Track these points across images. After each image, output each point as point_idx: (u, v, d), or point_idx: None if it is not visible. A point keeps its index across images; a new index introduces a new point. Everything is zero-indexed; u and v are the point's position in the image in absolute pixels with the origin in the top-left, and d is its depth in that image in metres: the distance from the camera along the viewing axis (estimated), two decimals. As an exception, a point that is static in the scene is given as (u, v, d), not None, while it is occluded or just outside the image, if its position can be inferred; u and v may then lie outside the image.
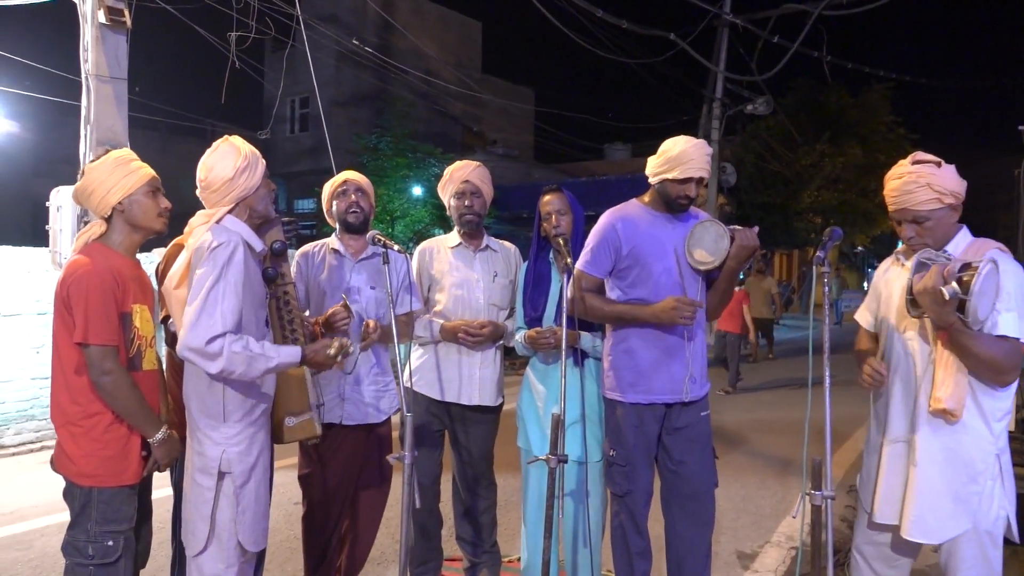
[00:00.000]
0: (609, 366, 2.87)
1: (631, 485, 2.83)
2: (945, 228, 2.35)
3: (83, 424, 2.27)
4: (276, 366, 2.23)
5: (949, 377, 2.24)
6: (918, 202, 2.31)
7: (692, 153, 2.71)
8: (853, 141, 19.88)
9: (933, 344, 2.30)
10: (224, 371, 2.14)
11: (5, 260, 6.13)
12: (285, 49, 9.33)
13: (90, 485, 2.27)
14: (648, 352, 2.79)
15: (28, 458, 5.97)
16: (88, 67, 6.07)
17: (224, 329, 2.12)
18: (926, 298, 2.16)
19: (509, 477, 3.97)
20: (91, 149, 6.11)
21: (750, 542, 4.34)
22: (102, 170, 2.36)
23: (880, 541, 2.49)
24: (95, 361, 2.23)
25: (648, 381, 2.79)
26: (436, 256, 3.28)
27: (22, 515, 4.58)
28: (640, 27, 12.14)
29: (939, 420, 2.28)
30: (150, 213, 2.40)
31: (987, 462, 2.28)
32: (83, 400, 2.27)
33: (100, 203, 2.36)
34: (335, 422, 2.97)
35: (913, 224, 2.34)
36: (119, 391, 2.25)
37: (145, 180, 2.39)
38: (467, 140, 24.72)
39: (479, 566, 3.36)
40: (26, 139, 16.05)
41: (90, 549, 2.26)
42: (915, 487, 2.30)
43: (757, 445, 6.85)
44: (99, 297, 2.23)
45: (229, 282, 2.17)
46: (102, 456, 2.27)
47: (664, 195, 2.80)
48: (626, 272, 2.82)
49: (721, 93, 15.23)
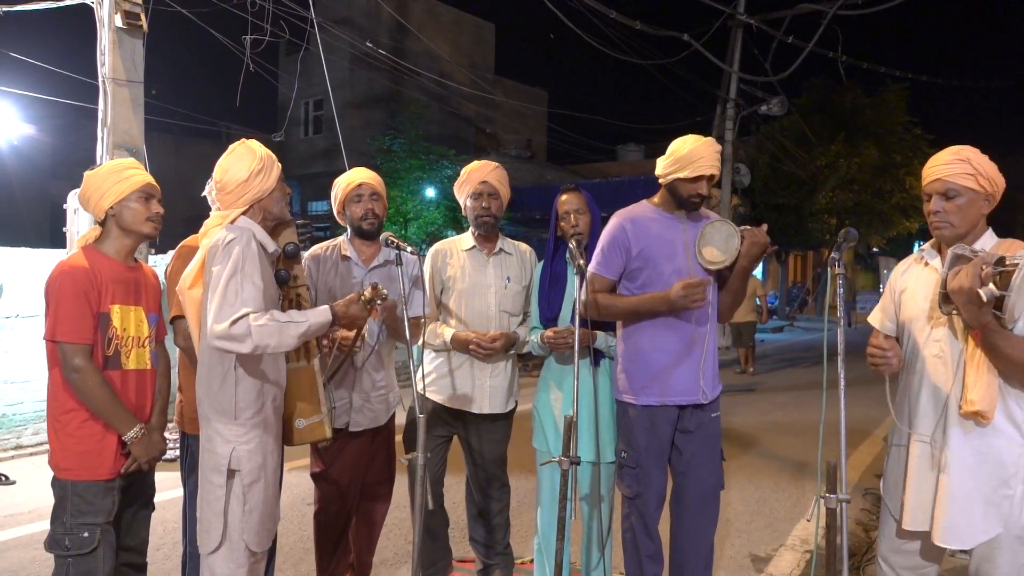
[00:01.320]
0: (621, 368, 2.87)
1: (641, 488, 2.82)
2: (972, 216, 2.28)
3: (61, 419, 2.39)
4: (308, 328, 2.25)
5: (980, 378, 2.18)
6: (953, 173, 2.26)
7: (702, 151, 2.70)
8: (869, 141, 19.68)
9: (963, 344, 2.24)
10: (258, 347, 2.14)
11: (23, 262, 6.20)
12: (299, 52, 9.40)
13: (66, 478, 2.36)
14: (660, 354, 2.78)
15: (46, 458, 6.02)
16: (105, 70, 6.14)
17: (246, 310, 2.14)
18: (961, 297, 2.10)
19: (522, 479, 3.96)
20: (108, 151, 6.17)
21: (764, 545, 4.31)
22: (98, 177, 2.47)
23: (908, 549, 2.43)
24: (65, 357, 2.33)
25: (660, 383, 2.78)
26: (449, 259, 3.25)
27: (40, 514, 4.63)
28: (653, 28, 12.13)
29: (969, 423, 2.23)
30: (139, 218, 2.48)
31: (1018, 465, 2.22)
32: (60, 396, 2.39)
33: (95, 208, 2.47)
34: (341, 427, 2.99)
35: (942, 198, 2.28)
36: (87, 388, 2.33)
37: (137, 186, 2.47)
38: (480, 142, 24.76)
39: (492, 567, 3.36)
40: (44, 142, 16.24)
41: (66, 541, 2.34)
42: (946, 492, 2.25)
43: (771, 447, 6.80)
44: (71, 297, 2.33)
45: (246, 273, 2.20)
46: (77, 451, 2.37)
47: (676, 195, 2.79)
48: (636, 273, 2.81)
49: (735, 94, 15.17)
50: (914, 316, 2.40)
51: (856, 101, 20.30)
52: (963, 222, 2.28)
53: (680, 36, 12.89)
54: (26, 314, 6.16)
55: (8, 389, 6.07)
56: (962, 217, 2.27)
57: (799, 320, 24.53)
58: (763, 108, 15.44)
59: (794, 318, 24.78)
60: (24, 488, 5.21)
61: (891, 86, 20.00)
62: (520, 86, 27.83)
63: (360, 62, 18.82)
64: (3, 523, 4.48)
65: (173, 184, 2.56)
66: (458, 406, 3.19)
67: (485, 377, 3.18)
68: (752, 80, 15.19)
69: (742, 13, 14.51)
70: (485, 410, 3.19)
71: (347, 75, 20.46)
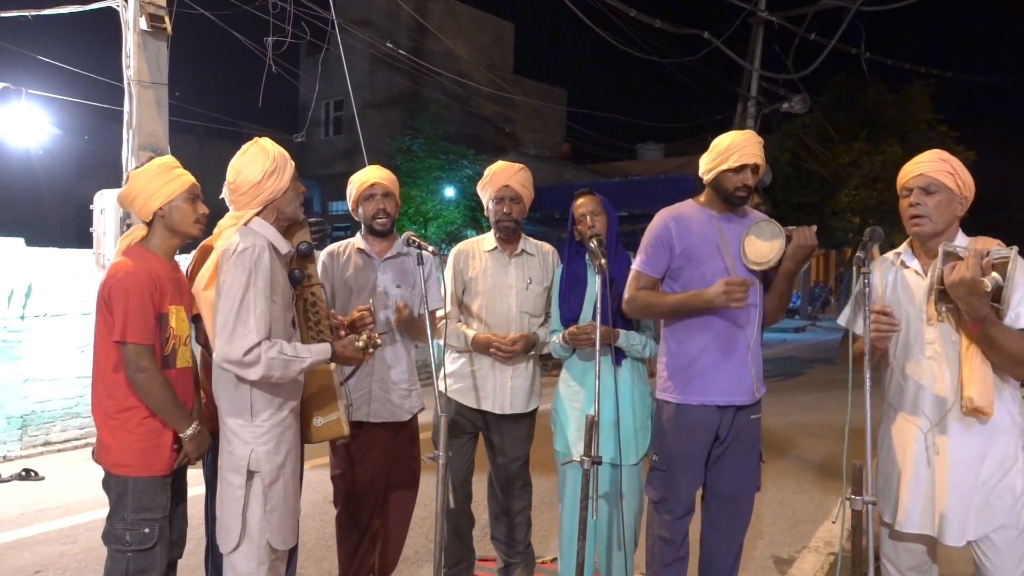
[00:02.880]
0: (662, 366, 2.84)
1: (667, 492, 2.78)
2: (948, 216, 2.35)
3: (119, 417, 2.38)
4: (310, 364, 2.32)
5: (975, 374, 2.22)
6: (935, 170, 2.35)
7: (744, 141, 2.71)
8: (893, 139, 19.43)
9: (959, 342, 2.27)
10: (263, 377, 2.22)
11: (51, 262, 6.31)
12: (320, 53, 9.43)
13: (125, 475, 2.37)
14: (701, 353, 2.74)
15: (74, 454, 6.13)
16: (130, 73, 6.22)
17: (259, 338, 2.20)
18: (962, 289, 2.14)
19: (543, 478, 3.97)
20: (133, 153, 6.26)
21: (787, 547, 4.27)
22: (145, 177, 2.45)
23: (908, 549, 2.44)
24: (131, 359, 2.32)
25: (700, 382, 2.74)
26: (471, 260, 3.27)
27: (68, 510, 4.71)
28: (673, 26, 12.05)
29: (970, 419, 2.25)
30: (188, 219, 2.49)
31: (1017, 457, 2.27)
32: (119, 395, 2.38)
33: (142, 208, 2.45)
34: (362, 419, 3.02)
35: (923, 192, 2.35)
36: (152, 388, 2.34)
37: (185, 187, 2.48)
38: (499, 141, 24.78)
39: (513, 566, 3.36)
40: (71, 144, 16.48)
41: (127, 536, 2.35)
42: (947, 488, 2.27)
43: (793, 448, 6.74)
44: (137, 298, 2.33)
45: (259, 288, 2.22)
46: (136, 448, 2.37)
47: (722, 190, 2.75)
48: (678, 272, 2.77)
49: (756, 91, 15.04)
50: (908, 320, 2.40)
51: (880, 98, 20.06)
52: (940, 219, 2.34)
53: (700, 34, 12.79)
54: (54, 313, 6.27)
55: (36, 387, 6.18)
56: (940, 214, 2.34)
57: (821, 320, 24.30)
58: (784, 106, 15.28)
59: (816, 318, 24.55)
60: (52, 484, 5.30)
61: (915, 82, 19.74)
62: (539, 85, 27.79)
63: (380, 63, 18.90)
64: (32, 518, 4.56)
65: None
66: (479, 406, 3.20)
67: (507, 378, 3.18)
68: (773, 78, 15.06)
69: (763, 10, 14.38)
70: (507, 410, 3.19)
71: (367, 76, 20.56)
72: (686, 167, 19.41)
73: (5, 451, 5.90)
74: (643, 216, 10.45)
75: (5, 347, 5.94)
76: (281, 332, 2.32)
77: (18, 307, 6.01)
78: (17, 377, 6.01)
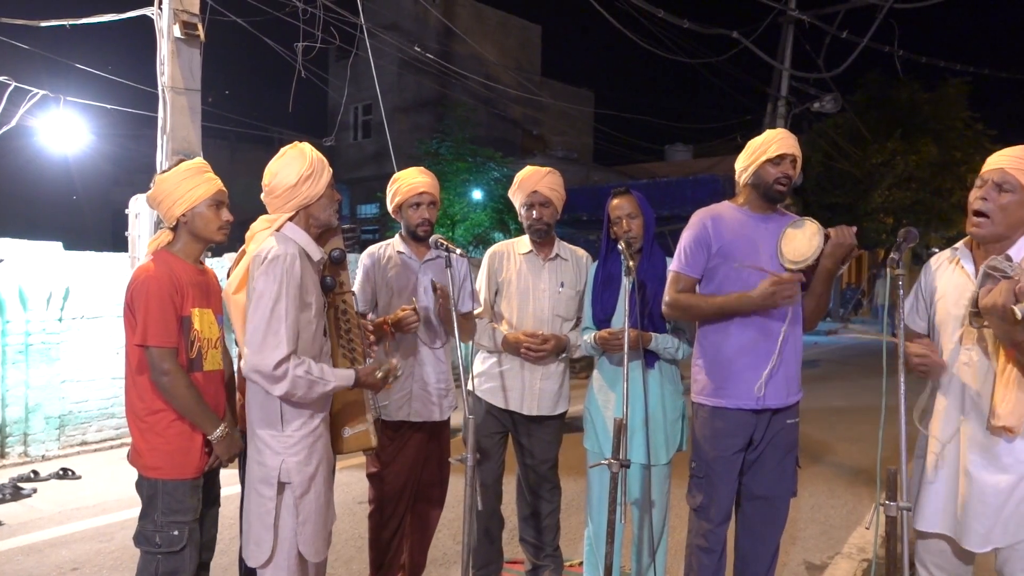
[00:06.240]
0: (697, 368, 2.81)
1: (706, 499, 2.75)
2: (1014, 221, 2.23)
3: (148, 420, 2.40)
4: (332, 389, 2.29)
5: (1011, 394, 2.15)
6: (1015, 166, 2.22)
7: (778, 134, 2.72)
8: (927, 138, 19.06)
9: (994, 358, 2.19)
10: (287, 394, 2.19)
11: (88, 265, 6.44)
12: (349, 57, 9.52)
13: (156, 477, 2.39)
14: (737, 355, 2.70)
15: (110, 454, 6.25)
16: (164, 80, 6.33)
17: (288, 350, 2.16)
18: (994, 315, 2.06)
19: (571, 481, 3.95)
20: (167, 158, 6.38)
21: (819, 553, 4.21)
22: (170, 182, 2.46)
23: (938, 549, 2.39)
24: (154, 362, 2.34)
25: (736, 385, 2.69)
26: (506, 262, 3.29)
27: (104, 508, 4.80)
28: (702, 26, 11.95)
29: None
30: (211, 226, 2.50)
31: None
32: (147, 397, 2.40)
33: (167, 213, 2.47)
34: (403, 419, 3.03)
35: (996, 188, 2.23)
36: (176, 390, 2.36)
37: (209, 194, 2.48)
38: (526, 143, 24.79)
39: (541, 568, 3.36)
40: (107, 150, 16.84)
41: (157, 538, 2.37)
42: (970, 496, 2.22)
43: (827, 453, 6.64)
44: (158, 301, 2.35)
45: (290, 297, 2.19)
46: (165, 450, 2.39)
47: (762, 184, 2.72)
48: (714, 272, 2.74)
49: (786, 91, 14.86)
50: (944, 321, 2.36)
51: (914, 96, 19.69)
52: (1004, 222, 2.23)
53: (729, 34, 12.67)
54: (91, 315, 6.40)
55: (74, 387, 6.32)
56: (1005, 216, 2.22)
57: (853, 322, 23.90)
58: (816, 105, 15.07)
59: (848, 320, 24.15)
60: (89, 483, 5.41)
61: (951, 80, 19.35)
62: (567, 87, 27.77)
63: (408, 66, 19.04)
64: (70, 516, 4.66)
65: (228, 189, 2.60)
66: (507, 406, 3.21)
67: (536, 379, 3.19)
68: (804, 77, 14.87)
69: (793, 9, 14.22)
70: (534, 412, 3.20)
71: (395, 80, 20.73)
72: (715, 168, 19.25)
73: (44, 450, 6.03)
74: (671, 218, 10.42)
75: (44, 349, 6.08)
76: (310, 341, 2.29)
77: (56, 310, 6.15)
78: (56, 378, 6.15)
